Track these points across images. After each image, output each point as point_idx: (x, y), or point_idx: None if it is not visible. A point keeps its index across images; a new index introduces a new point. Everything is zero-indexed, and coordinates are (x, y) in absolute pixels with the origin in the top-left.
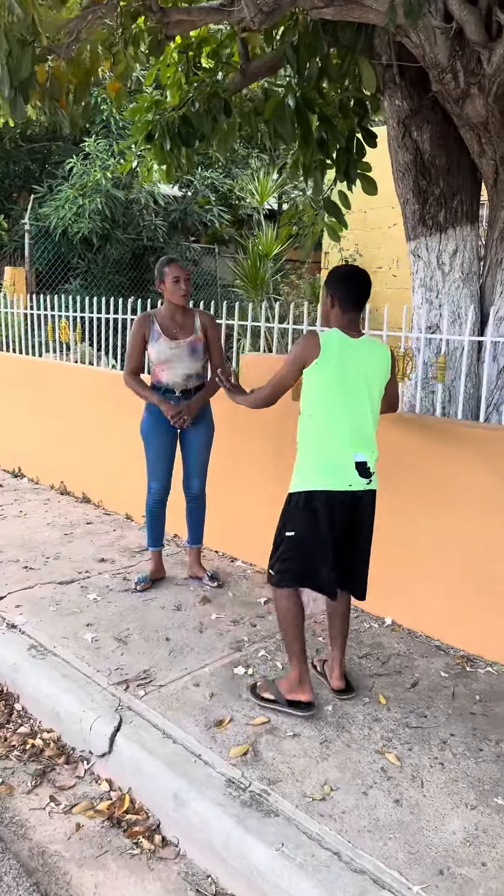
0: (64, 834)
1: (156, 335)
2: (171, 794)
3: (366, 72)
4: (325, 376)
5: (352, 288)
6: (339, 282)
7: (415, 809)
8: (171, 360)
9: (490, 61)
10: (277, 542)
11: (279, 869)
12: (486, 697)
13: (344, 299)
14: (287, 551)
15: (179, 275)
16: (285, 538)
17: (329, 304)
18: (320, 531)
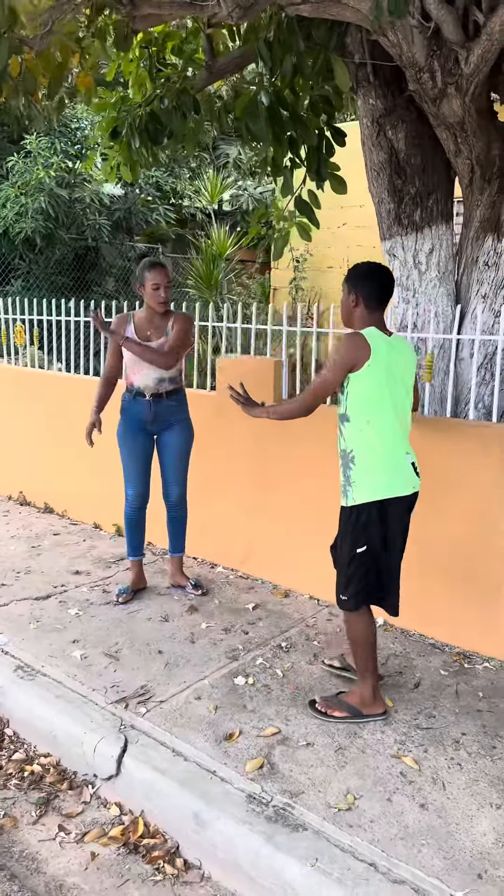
0: (79, 865)
1: (129, 336)
2: (191, 815)
3: (339, 70)
4: (377, 378)
5: (377, 285)
6: (364, 280)
7: (441, 813)
8: (140, 362)
9: (468, 61)
10: (346, 562)
11: (316, 885)
12: (488, 694)
13: (370, 298)
14: (360, 567)
15: (160, 282)
16: (356, 556)
17: (353, 304)
18: (390, 541)
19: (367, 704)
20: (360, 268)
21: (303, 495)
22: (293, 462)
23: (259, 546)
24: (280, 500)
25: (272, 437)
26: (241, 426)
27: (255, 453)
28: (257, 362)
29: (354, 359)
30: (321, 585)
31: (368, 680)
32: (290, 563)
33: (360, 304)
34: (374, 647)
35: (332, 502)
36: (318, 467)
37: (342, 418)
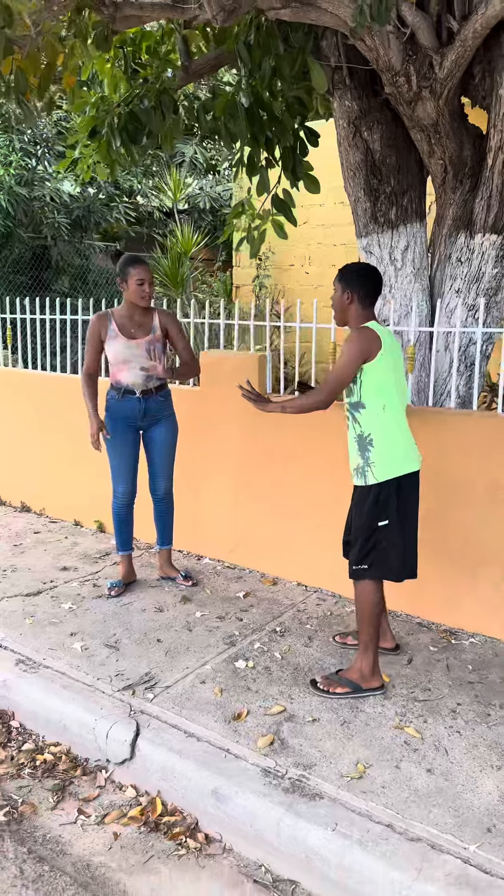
0: (103, 845)
1: (112, 334)
2: (209, 791)
3: (316, 73)
4: (387, 366)
5: (370, 284)
6: (357, 279)
7: (447, 776)
8: (128, 359)
9: (442, 66)
10: (367, 535)
11: (339, 848)
12: (477, 666)
13: (364, 295)
14: (382, 541)
15: (145, 277)
16: (378, 528)
17: (347, 301)
18: (409, 514)
19: (366, 679)
20: (353, 268)
21: (288, 486)
22: (277, 454)
23: (245, 537)
24: (265, 491)
25: (255, 431)
26: (223, 421)
27: (239, 447)
28: (240, 358)
29: (368, 350)
30: (308, 572)
31: (369, 652)
32: (276, 551)
33: (354, 301)
34: (378, 619)
35: (317, 491)
36: (302, 458)
37: (356, 406)
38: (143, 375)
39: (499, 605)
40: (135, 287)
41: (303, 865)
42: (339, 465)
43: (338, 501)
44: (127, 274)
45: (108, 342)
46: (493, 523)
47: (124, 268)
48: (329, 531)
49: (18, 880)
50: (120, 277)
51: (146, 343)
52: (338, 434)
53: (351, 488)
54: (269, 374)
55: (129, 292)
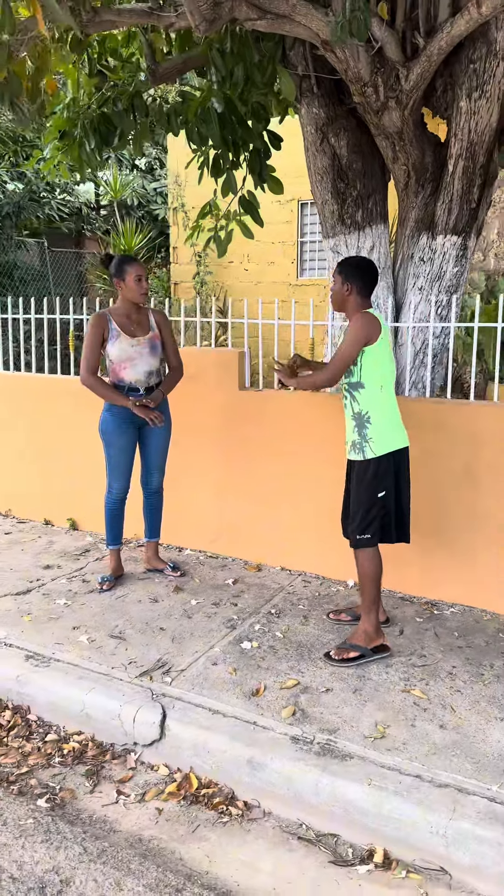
0: (149, 820)
1: (115, 333)
2: (244, 762)
3: (285, 81)
4: (385, 349)
5: (368, 276)
6: (356, 271)
7: (459, 730)
8: (133, 358)
9: (408, 78)
10: (368, 507)
11: (377, 799)
12: (462, 633)
13: (363, 286)
14: (381, 509)
15: (142, 273)
16: (378, 500)
17: (347, 292)
18: (401, 485)
19: (371, 638)
20: (352, 261)
21: (267, 476)
22: (256, 445)
23: (227, 526)
24: (245, 481)
25: (234, 423)
26: (203, 414)
27: (218, 439)
28: (221, 353)
29: (370, 334)
30: (291, 557)
31: (372, 614)
32: (258, 539)
33: (353, 292)
34: (379, 583)
35: (296, 480)
36: (279, 448)
37: (355, 386)
38: (144, 373)
39: (474, 577)
40: (134, 284)
41: (342, 819)
42: (317, 454)
43: (316, 488)
44: (124, 272)
45: (111, 342)
46: (466, 503)
47: (121, 266)
48: (309, 517)
49: (85, 856)
50: (116, 277)
51: (147, 341)
52: (314, 424)
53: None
54: (247, 368)
55: (128, 290)
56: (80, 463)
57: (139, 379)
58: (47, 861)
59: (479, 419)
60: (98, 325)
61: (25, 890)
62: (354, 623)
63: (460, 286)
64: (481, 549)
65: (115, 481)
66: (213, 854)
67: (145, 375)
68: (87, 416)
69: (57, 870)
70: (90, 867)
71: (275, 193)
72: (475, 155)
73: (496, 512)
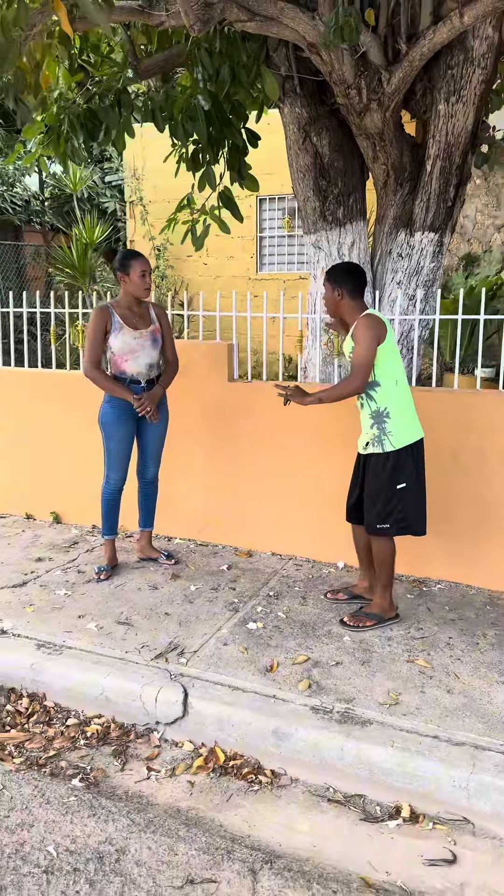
0: (184, 792)
1: (118, 326)
2: (269, 733)
3: (269, 80)
4: (394, 346)
5: (356, 279)
6: (344, 276)
7: (465, 694)
8: (135, 350)
9: (390, 82)
10: (388, 497)
11: (401, 759)
12: (452, 607)
13: (353, 290)
14: (401, 501)
15: (146, 269)
16: (397, 491)
17: (338, 297)
18: (420, 476)
19: (386, 611)
20: (338, 267)
21: (258, 464)
22: (246, 434)
23: (216, 515)
24: (234, 471)
25: (222, 415)
26: (192, 406)
27: (208, 429)
28: (211, 346)
29: (380, 334)
30: (280, 542)
31: (388, 591)
32: (248, 526)
33: (344, 296)
34: (394, 565)
35: (283, 468)
36: (267, 439)
37: (371, 385)
38: (146, 365)
39: (458, 555)
40: (138, 279)
41: (367, 780)
42: (306, 444)
43: (305, 476)
44: (129, 267)
45: (114, 334)
46: (453, 486)
47: (125, 261)
48: (298, 504)
49: (134, 827)
50: (120, 272)
51: (150, 334)
52: (302, 415)
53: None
54: (235, 361)
55: (132, 284)
56: (62, 456)
57: (141, 371)
58: (99, 833)
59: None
60: (101, 317)
61: (84, 861)
62: (352, 601)
63: (436, 281)
64: (464, 528)
65: (113, 472)
66: (251, 819)
67: (147, 368)
68: (68, 409)
69: (110, 840)
70: (141, 836)
71: (251, 191)
72: (452, 156)
73: (478, 492)
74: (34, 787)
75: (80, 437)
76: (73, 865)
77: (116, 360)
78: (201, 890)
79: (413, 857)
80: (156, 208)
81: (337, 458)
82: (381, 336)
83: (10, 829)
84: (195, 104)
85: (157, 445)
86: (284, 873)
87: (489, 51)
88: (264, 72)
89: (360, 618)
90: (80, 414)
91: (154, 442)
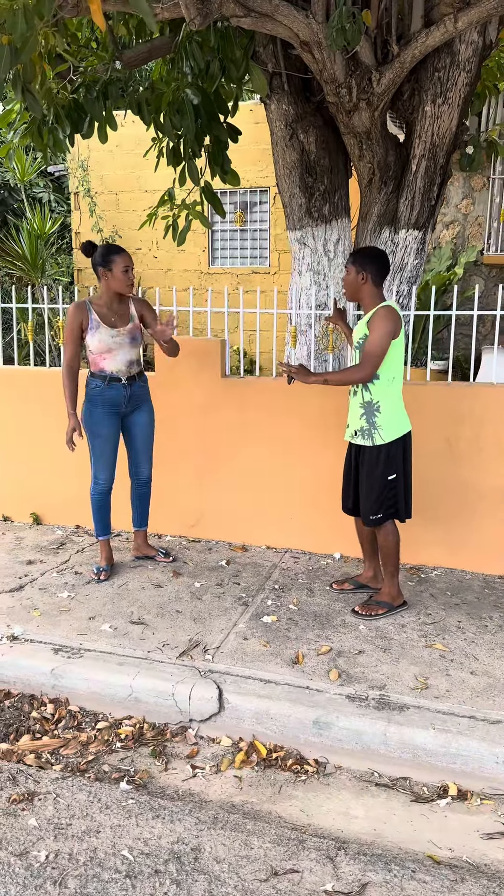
0: (234, 787)
1: (94, 324)
2: (310, 723)
3: (257, 76)
4: (402, 344)
5: (382, 265)
6: (371, 261)
7: (489, 674)
8: (112, 348)
9: (380, 82)
10: (381, 489)
11: (444, 740)
12: (453, 591)
13: (376, 275)
14: (392, 489)
15: (129, 264)
16: (388, 482)
17: (361, 280)
18: (407, 466)
19: (395, 598)
20: (366, 251)
21: (245, 460)
22: (238, 430)
23: (207, 511)
24: (224, 467)
25: (212, 411)
26: (182, 402)
27: (196, 426)
28: (203, 341)
29: (397, 328)
30: (274, 536)
31: (395, 579)
32: (241, 521)
33: (368, 281)
34: (399, 553)
35: (273, 463)
36: (257, 434)
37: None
38: (126, 362)
39: (451, 542)
40: (121, 275)
41: (410, 763)
42: (298, 439)
43: (297, 470)
44: (111, 262)
45: (91, 332)
46: (442, 474)
47: (107, 256)
48: (290, 497)
49: (202, 825)
50: (102, 267)
51: (128, 332)
52: (294, 409)
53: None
54: (227, 356)
55: (115, 280)
56: (39, 455)
57: (120, 369)
58: (169, 834)
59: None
60: (77, 315)
61: (163, 862)
62: (357, 591)
63: (419, 277)
64: (456, 515)
65: (100, 472)
66: (307, 808)
67: (126, 365)
68: (43, 407)
69: (182, 840)
70: (212, 833)
71: (233, 185)
72: (437, 156)
73: (469, 479)
74: (88, 794)
75: (58, 435)
76: (154, 867)
77: (95, 359)
78: (287, 881)
79: (470, 832)
80: (102, 200)
81: (329, 450)
82: (397, 329)
83: (77, 836)
84: (183, 98)
85: (145, 443)
86: (360, 857)
87: (474, 55)
88: (252, 67)
89: (372, 606)
90: (56, 411)
91: (142, 441)
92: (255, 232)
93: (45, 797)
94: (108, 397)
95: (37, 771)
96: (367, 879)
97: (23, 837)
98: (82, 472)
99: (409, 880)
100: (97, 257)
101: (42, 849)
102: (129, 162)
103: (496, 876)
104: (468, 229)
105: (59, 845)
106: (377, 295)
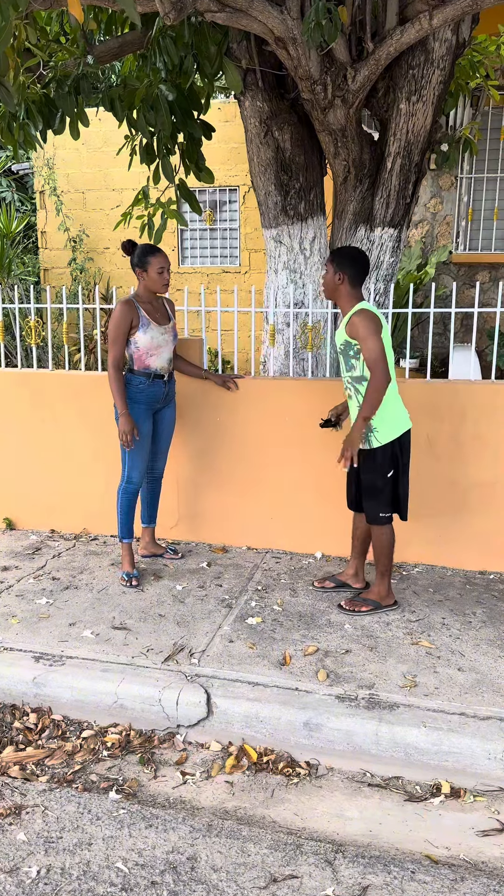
0: (226, 793)
1: (145, 321)
2: (300, 725)
3: (231, 73)
4: (387, 341)
5: (360, 267)
6: (349, 261)
7: (474, 670)
8: (160, 345)
9: (355, 79)
10: (381, 488)
11: (436, 738)
12: (435, 588)
13: (354, 276)
14: (392, 489)
15: (165, 265)
16: (388, 481)
17: (338, 281)
18: (405, 464)
19: (384, 598)
20: (345, 251)
21: (225, 461)
22: (217, 430)
23: (186, 513)
24: (203, 468)
25: (190, 413)
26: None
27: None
28: (183, 341)
29: (379, 328)
30: (254, 536)
31: (386, 578)
32: (221, 522)
33: (345, 281)
34: (393, 553)
35: (252, 464)
36: (236, 434)
37: (358, 380)
38: (168, 360)
39: (432, 538)
40: (156, 276)
41: (401, 762)
42: (279, 438)
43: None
44: (147, 263)
45: (142, 329)
46: (422, 470)
47: (144, 257)
48: (270, 497)
49: (196, 833)
50: (139, 267)
51: (171, 329)
52: (276, 409)
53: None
54: (205, 354)
55: (150, 280)
56: (11, 459)
57: (163, 366)
58: (163, 844)
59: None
60: (128, 313)
61: (159, 872)
62: (339, 589)
63: (395, 275)
64: (436, 512)
65: (134, 472)
66: (301, 812)
67: (168, 362)
68: (14, 409)
69: (177, 850)
70: (207, 841)
71: (207, 183)
72: (412, 153)
73: (448, 475)
74: (77, 805)
75: (32, 437)
76: (150, 879)
77: (141, 357)
78: (287, 887)
79: (465, 830)
80: (68, 198)
81: (308, 449)
82: (379, 329)
83: (68, 850)
84: (157, 94)
85: (169, 439)
86: (359, 860)
87: (448, 53)
88: (227, 64)
89: (357, 602)
90: (26, 413)
91: (168, 434)
92: (226, 231)
93: (33, 810)
94: (150, 394)
95: (22, 783)
96: (367, 882)
97: (12, 853)
98: (56, 476)
99: (409, 881)
100: (135, 258)
101: (33, 864)
102: (96, 160)
103: (495, 873)
104: (437, 228)
105: (50, 860)
106: (353, 296)
